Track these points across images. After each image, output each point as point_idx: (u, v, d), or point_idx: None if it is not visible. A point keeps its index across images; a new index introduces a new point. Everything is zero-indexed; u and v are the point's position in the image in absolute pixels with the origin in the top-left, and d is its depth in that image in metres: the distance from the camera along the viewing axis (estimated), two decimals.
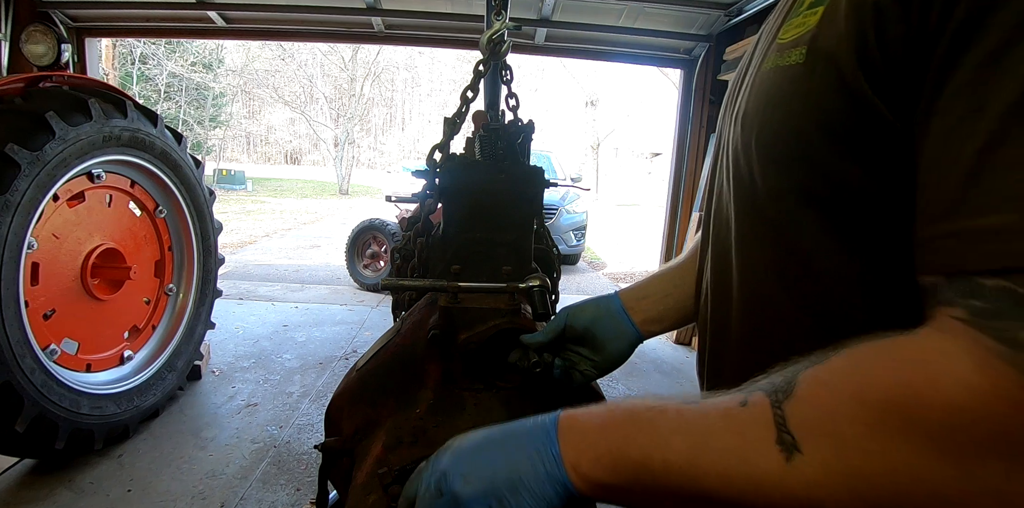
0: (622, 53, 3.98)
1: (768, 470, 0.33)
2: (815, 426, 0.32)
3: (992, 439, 0.28)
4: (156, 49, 18.73)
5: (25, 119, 1.83)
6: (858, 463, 0.31)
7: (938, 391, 0.29)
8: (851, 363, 0.33)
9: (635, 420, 0.40)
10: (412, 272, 1.04)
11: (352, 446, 0.77)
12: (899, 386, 0.30)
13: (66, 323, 2.08)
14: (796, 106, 0.42)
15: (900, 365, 0.31)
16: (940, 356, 0.30)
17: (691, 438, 0.36)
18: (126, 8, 3.55)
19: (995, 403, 0.27)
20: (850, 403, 0.31)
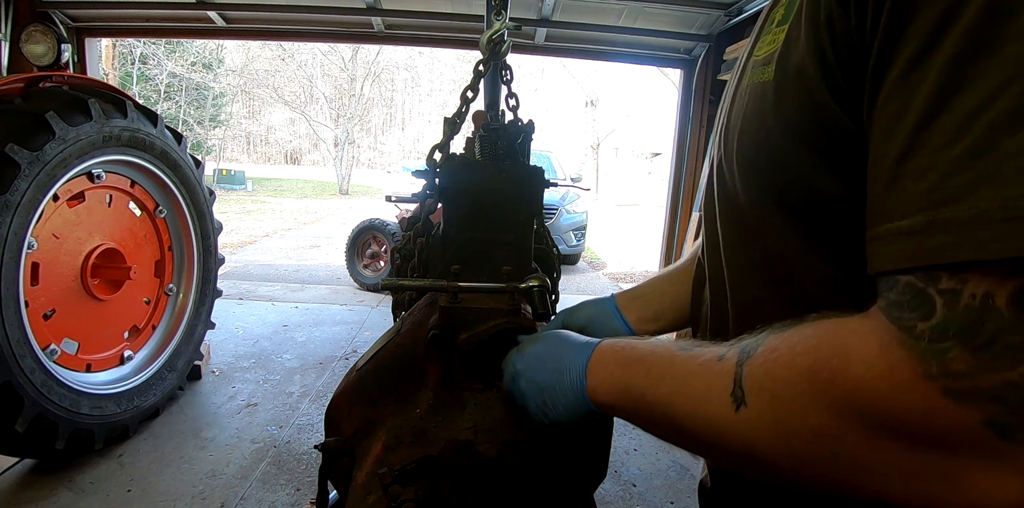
0: (622, 53, 3.98)
1: (721, 416, 0.39)
2: (759, 384, 0.37)
3: (886, 416, 0.31)
4: (156, 49, 18.72)
5: (25, 119, 1.83)
6: (784, 419, 0.35)
7: (847, 366, 0.32)
8: (798, 334, 0.37)
9: (641, 362, 0.49)
10: (412, 272, 1.04)
11: (352, 446, 0.77)
12: (821, 359, 0.34)
13: (66, 323, 2.08)
14: (770, 121, 0.44)
15: (829, 340, 0.34)
16: (857, 337, 0.33)
17: (674, 383, 0.44)
18: (126, 8, 3.55)
19: (889, 382, 0.30)
20: (786, 368, 0.36)
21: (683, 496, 2.17)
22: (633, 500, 2.14)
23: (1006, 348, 0.27)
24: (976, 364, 0.27)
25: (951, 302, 0.29)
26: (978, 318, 0.27)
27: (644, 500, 2.14)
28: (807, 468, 0.35)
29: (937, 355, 0.28)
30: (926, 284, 0.30)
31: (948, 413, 0.28)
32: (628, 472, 2.32)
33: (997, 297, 0.27)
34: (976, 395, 0.27)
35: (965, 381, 0.28)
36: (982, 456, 0.28)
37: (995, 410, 0.27)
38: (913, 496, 0.31)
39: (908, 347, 0.30)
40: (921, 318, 0.30)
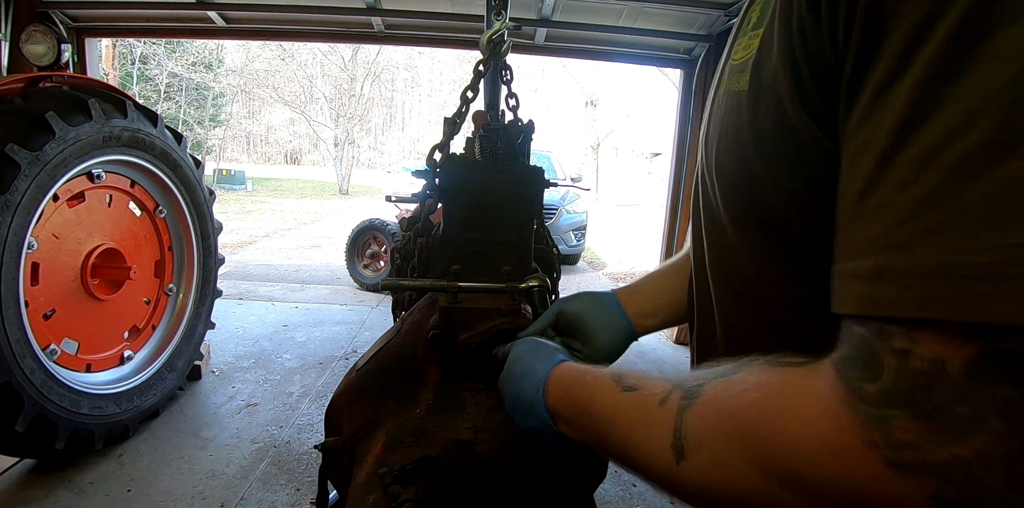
0: (622, 53, 3.98)
1: (665, 468, 0.39)
2: (698, 439, 0.36)
3: (824, 484, 0.28)
4: (156, 49, 18.72)
5: (25, 119, 1.83)
6: (724, 477, 0.34)
7: (786, 427, 0.30)
8: (742, 384, 0.35)
9: (590, 391, 0.50)
10: (412, 272, 1.04)
11: (352, 446, 0.77)
12: (761, 416, 0.32)
13: (66, 323, 2.08)
14: (745, 136, 0.41)
15: (773, 396, 0.32)
16: (801, 395, 0.31)
17: (618, 426, 0.45)
18: (126, 8, 3.55)
19: (829, 447, 0.28)
20: (724, 421, 0.34)
21: None
22: (633, 500, 2.14)
23: (955, 419, 0.24)
24: (922, 435, 0.25)
25: (901, 364, 0.26)
26: (927, 384, 0.25)
27: (644, 500, 2.14)
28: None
29: (881, 422, 0.26)
30: (878, 340, 0.27)
31: (892, 485, 0.26)
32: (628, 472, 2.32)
33: (949, 363, 0.24)
34: (921, 468, 0.25)
35: (909, 453, 0.25)
36: None
37: (941, 486, 0.24)
38: None
39: (853, 411, 0.27)
40: (869, 379, 0.27)
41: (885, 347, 0.27)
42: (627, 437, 0.43)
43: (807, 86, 0.35)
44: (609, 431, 0.46)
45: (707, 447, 0.35)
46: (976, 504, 0.24)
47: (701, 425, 0.36)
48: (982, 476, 0.24)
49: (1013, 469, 0.23)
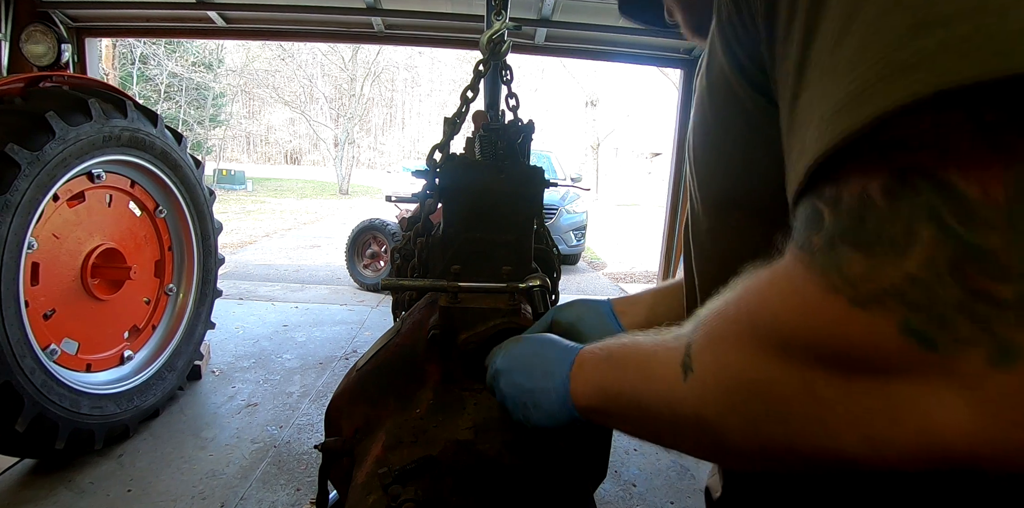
0: (622, 53, 3.98)
1: (673, 389, 0.38)
2: (702, 347, 0.36)
3: (808, 344, 0.28)
4: (156, 49, 18.72)
5: (25, 119, 1.83)
6: (722, 374, 0.34)
7: (765, 301, 0.31)
8: (733, 288, 0.35)
9: (611, 357, 0.48)
10: (412, 272, 1.04)
11: (352, 446, 0.77)
12: (745, 302, 0.33)
13: (66, 323, 2.08)
14: (711, 126, 0.44)
15: (753, 283, 0.33)
16: (773, 275, 0.31)
17: (638, 368, 0.43)
18: (126, 8, 3.55)
19: (800, 305, 0.29)
20: (720, 321, 0.35)
21: (683, 496, 2.17)
22: (633, 500, 2.14)
23: (892, 239, 0.25)
24: (871, 263, 0.25)
25: (835, 209, 0.27)
26: (860, 216, 0.26)
27: (644, 500, 2.14)
28: (754, 429, 0.32)
29: (834, 265, 0.27)
30: (816, 201, 0.29)
31: (863, 325, 0.26)
32: (628, 472, 2.32)
33: (871, 192, 0.26)
34: (881, 298, 0.25)
35: (866, 284, 0.25)
36: (914, 373, 0.25)
37: (905, 313, 0.24)
38: (862, 442, 0.27)
39: (809, 265, 0.28)
40: (816, 234, 0.28)
41: (821, 204, 0.28)
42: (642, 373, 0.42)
43: (746, 67, 0.38)
44: (625, 373, 0.44)
45: (709, 350, 0.35)
46: (941, 326, 0.24)
47: (704, 333, 0.36)
48: (937, 290, 0.24)
49: (963, 275, 0.23)
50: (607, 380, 0.47)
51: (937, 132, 0.24)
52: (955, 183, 0.23)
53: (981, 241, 0.23)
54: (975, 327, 0.23)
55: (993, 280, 0.23)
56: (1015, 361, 0.23)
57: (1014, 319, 0.23)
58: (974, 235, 0.23)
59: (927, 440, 0.25)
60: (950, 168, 0.23)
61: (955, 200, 0.23)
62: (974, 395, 0.24)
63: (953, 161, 0.23)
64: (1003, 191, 0.22)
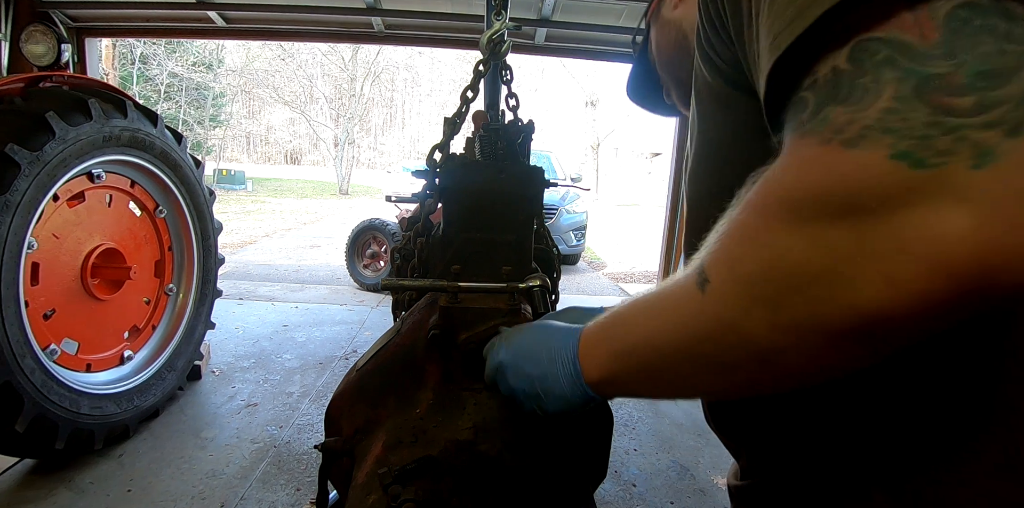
0: (622, 53, 3.98)
1: (693, 308, 0.38)
2: (715, 257, 0.36)
3: (817, 199, 0.30)
4: (156, 49, 18.72)
5: (25, 119, 1.83)
6: (741, 266, 0.34)
7: (769, 181, 0.33)
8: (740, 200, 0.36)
9: (616, 318, 0.48)
10: (412, 272, 1.04)
11: (352, 446, 0.77)
12: (754, 200, 0.34)
13: (66, 323, 2.08)
14: (706, 126, 0.50)
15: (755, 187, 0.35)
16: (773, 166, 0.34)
17: (649, 314, 0.44)
18: (126, 8, 3.55)
19: (800, 167, 0.31)
20: (731, 227, 0.35)
21: (683, 496, 2.17)
22: (633, 500, 2.14)
23: (863, 87, 0.29)
24: (849, 110, 0.29)
25: (814, 89, 0.32)
26: (835, 83, 0.30)
27: (644, 500, 2.14)
28: (778, 313, 0.32)
29: (820, 123, 0.30)
30: (795, 91, 0.33)
31: (857, 162, 0.29)
32: (628, 472, 2.32)
33: (839, 64, 0.31)
34: (867, 133, 0.28)
35: (852, 127, 0.29)
36: (911, 197, 0.27)
37: (891, 140, 0.28)
38: (882, 286, 0.28)
39: (801, 135, 0.31)
40: (802, 112, 0.32)
41: (802, 92, 0.33)
42: (655, 313, 0.43)
43: (724, 70, 0.45)
44: (635, 322, 0.45)
45: (721, 257, 0.36)
46: (922, 143, 0.27)
47: (714, 250, 0.36)
48: (910, 114, 0.28)
49: (927, 97, 0.28)
50: (617, 342, 0.47)
51: (877, 9, 0.30)
52: (900, 36, 0.29)
53: (933, 69, 0.28)
54: (951, 137, 0.27)
55: (951, 96, 0.27)
56: (994, 160, 0.26)
57: (981, 124, 0.26)
58: (927, 67, 0.28)
59: (939, 259, 0.27)
60: (893, 28, 0.29)
61: (904, 48, 0.29)
62: (968, 201, 0.26)
63: (895, 22, 0.29)
64: (936, 30, 0.28)
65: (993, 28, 0.27)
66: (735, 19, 0.40)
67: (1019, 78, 0.27)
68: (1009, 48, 0.27)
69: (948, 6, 0.28)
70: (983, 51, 0.27)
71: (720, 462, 2.41)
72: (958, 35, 0.28)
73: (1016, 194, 0.26)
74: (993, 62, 0.27)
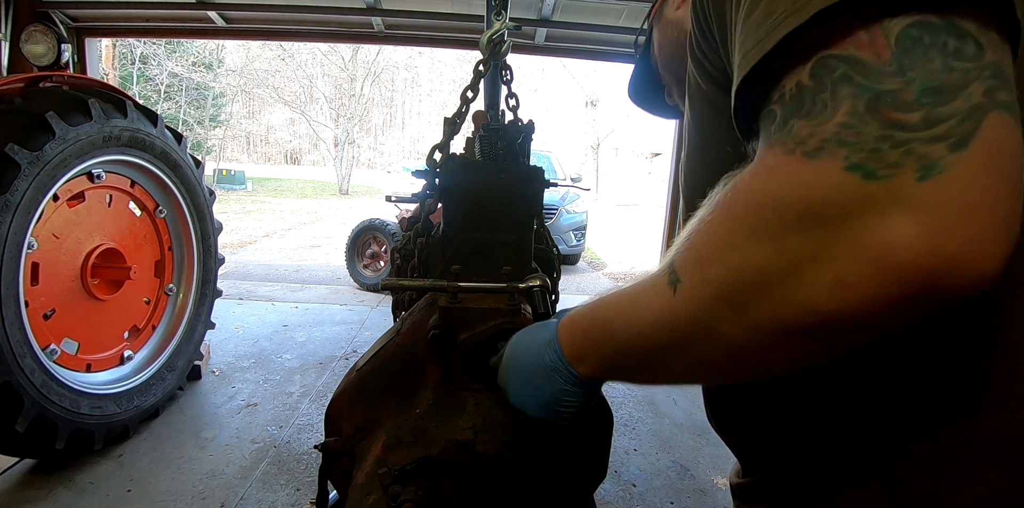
0: (622, 53, 3.97)
1: (665, 306, 0.40)
2: (686, 257, 0.38)
3: (778, 204, 0.32)
4: (156, 49, 18.72)
5: (25, 119, 1.83)
6: (709, 269, 0.36)
7: (747, 191, 0.35)
8: (710, 202, 0.38)
9: (597, 310, 0.50)
10: (412, 272, 1.04)
11: (352, 446, 0.77)
12: (725, 200, 0.36)
13: (66, 323, 2.08)
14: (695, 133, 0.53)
15: (728, 188, 0.36)
16: (746, 172, 0.36)
17: (624, 310, 0.46)
18: (126, 8, 3.55)
19: (765, 175, 0.34)
20: (701, 227, 0.37)
21: (683, 496, 2.17)
22: (633, 500, 2.14)
23: (822, 103, 0.31)
24: (811, 124, 0.32)
25: (781, 103, 0.34)
26: (799, 98, 0.33)
27: (644, 500, 2.14)
28: (744, 313, 0.34)
29: (787, 133, 0.33)
30: (765, 104, 0.36)
31: (815, 172, 0.31)
32: (628, 472, 2.32)
33: (802, 79, 0.33)
34: (825, 145, 0.30)
35: (813, 139, 0.31)
36: (864, 206, 0.29)
37: (845, 153, 0.30)
38: (836, 288, 0.30)
39: (771, 143, 0.34)
40: (771, 123, 0.34)
41: (771, 106, 0.35)
42: (632, 308, 0.45)
43: (714, 75, 0.47)
44: (615, 316, 0.47)
45: (692, 255, 0.38)
46: (873, 155, 0.29)
47: (684, 248, 0.39)
48: (863, 128, 0.30)
49: (878, 113, 0.29)
50: (594, 329, 0.50)
51: (836, 29, 0.32)
52: (856, 55, 0.31)
53: (884, 86, 0.30)
54: (899, 151, 0.29)
55: (900, 111, 0.29)
56: (939, 172, 0.28)
57: (927, 138, 0.29)
58: (879, 84, 0.30)
59: (887, 264, 0.29)
60: (850, 46, 0.31)
61: (859, 65, 0.31)
62: (913, 210, 0.28)
63: (851, 41, 0.31)
64: (888, 48, 0.30)
65: (942, 46, 0.30)
66: (721, 29, 0.43)
67: (964, 94, 0.29)
68: (956, 65, 0.29)
69: (901, 24, 0.30)
70: (931, 68, 0.29)
71: (720, 462, 2.41)
72: (909, 53, 0.30)
73: (958, 204, 0.28)
74: (940, 79, 0.29)
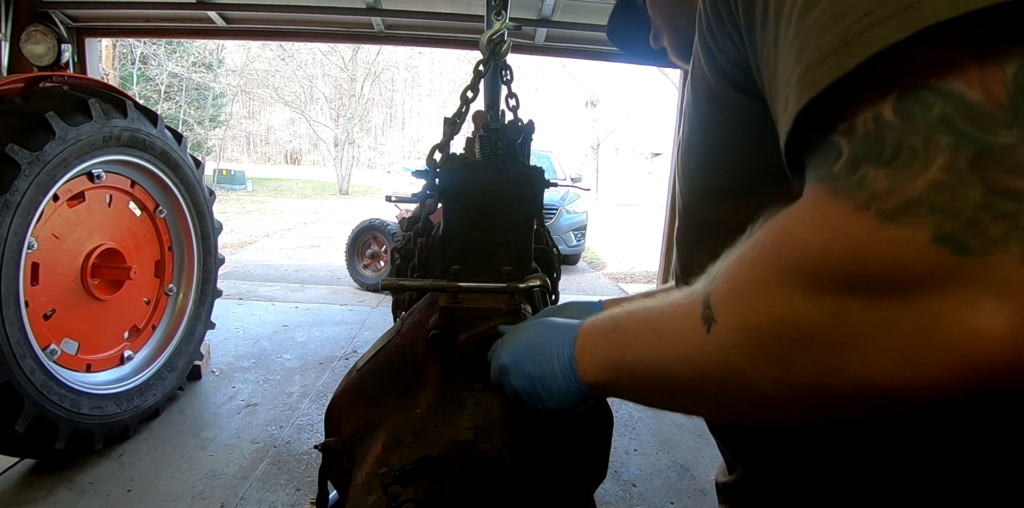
0: (622, 53, 3.97)
1: (696, 344, 0.36)
2: (723, 295, 0.34)
3: (838, 269, 0.28)
4: (156, 49, 18.72)
5: (25, 119, 1.83)
6: (749, 317, 0.32)
7: (789, 236, 0.30)
8: (751, 236, 0.34)
9: (617, 327, 0.47)
10: (412, 272, 1.04)
11: (352, 446, 0.77)
12: (768, 242, 0.32)
13: (66, 323, 2.08)
14: (696, 125, 0.48)
15: (774, 225, 0.32)
16: (796, 212, 0.31)
17: (651, 333, 0.42)
18: (126, 8, 3.55)
19: (827, 231, 0.28)
20: (742, 267, 0.33)
21: (683, 496, 2.17)
22: (633, 500, 2.14)
23: (912, 151, 0.25)
24: (894, 176, 0.26)
25: (850, 137, 0.28)
26: (877, 137, 0.27)
27: (644, 500, 2.14)
28: (786, 369, 0.31)
29: (858, 184, 0.27)
30: (827, 135, 0.29)
31: (893, 240, 0.26)
32: (628, 472, 2.32)
33: (884, 112, 0.27)
34: (909, 208, 0.25)
35: (893, 198, 0.26)
36: (948, 283, 0.25)
37: (936, 221, 0.25)
38: (899, 366, 0.27)
39: (835, 191, 0.28)
40: (835, 163, 0.28)
41: (835, 137, 0.29)
42: (657, 336, 0.41)
43: (728, 70, 0.41)
44: (636, 339, 0.43)
45: (731, 297, 0.34)
46: (971, 228, 0.24)
47: (724, 282, 0.35)
48: (961, 192, 0.24)
49: (984, 174, 0.24)
50: (616, 350, 0.46)
51: (936, 52, 0.25)
52: (961, 91, 0.25)
53: (995, 140, 0.24)
54: (1003, 225, 0.24)
55: (1013, 176, 0.23)
56: None
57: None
58: (988, 135, 0.24)
59: (967, 353, 0.25)
60: (954, 79, 0.25)
61: (964, 106, 0.24)
62: (1012, 297, 0.24)
63: (956, 72, 0.25)
64: (1004, 91, 0.24)
65: None
66: (748, 15, 0.36)
67: None
68: None
69: (1019, 57, 0.24)
70: None
71: (720, 462, 2.41)
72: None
73: None
74: None
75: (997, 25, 0.24)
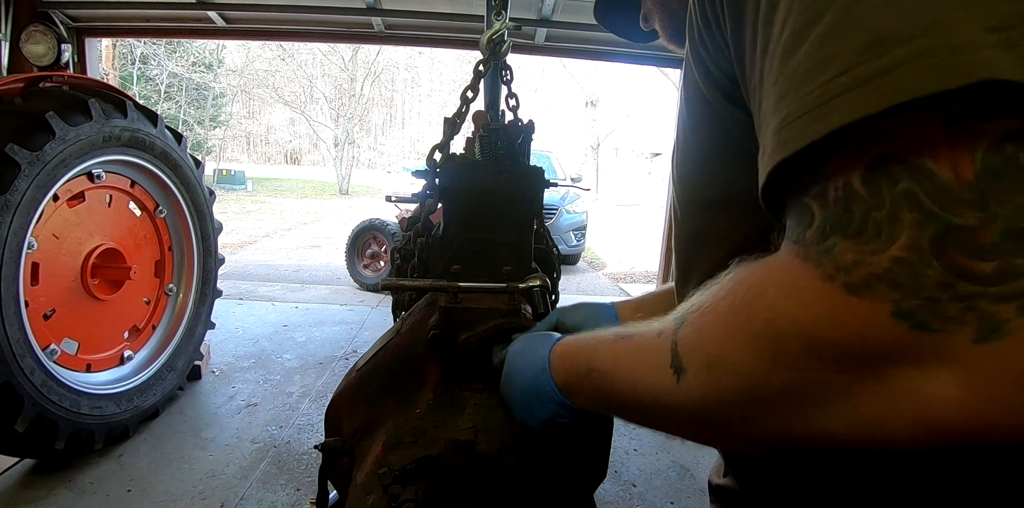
0: (622, 53, 3.97)
1: (668, 392, 0.37)
2: (692, 345, 0.36)
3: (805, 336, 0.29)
4: (156, 49, 18.72)
5: (25, 119, 1.83)
6: (718, 372, 0.33)
7: (763, 299, 0.31)
8: (720, 283, 0.35)
9: (591, 350, 0.49)
10: (412, 272, 1.04)
11: (352, 446, 0.77)
12: (739, 298, 0.32)
13: (66, 323, 2.08)
14: (689, 134, 0.47)
15: (745, 281, 0.33)
16: (768, 269, 0.32)
17: (621, 370, 0.44)
18: (126, 8, 3.55)
19: (796, 297, 0.29)
20: (711, 317, 0.34)
21: (683, 496, 2.17)
22: (633, 500, 2.14)
23: (877, 225, 0.26)
24: (861, 249, 0.26)
25: (822, 203, 0.28)
26: (846, 207, 0.27)
27: (644, 500, 2.14)
28: (753, 421, 0.33)
29: (827, 253, 0.27)
30: (803, 198, 0.30)
31: (857, 312, 0.26)
32: (628, 472, 2.32)
33: (853, 183, 0.27)
34: (872, 283, 0.26)
35: (858, 271, 0.26)
36: (907, 355, 0.26)
37: (896, 297, 0.25)
38: (862, 426, 0.29)
39: (802, 257, 0.29)
40: (807, 228, 0.29)
41: (808, 200, 0.29)
42: (631, 379, 0.42)
43: (719, 80, 0.40)
44: (614, 380, 0.45)
45: (700, 349, 0.35)
46: (930, 306, 0.25)
47: (692, 331, 0.36)
48: (923, 271, 0.25)
49: (945, 255, 0.24)
50: (596, 394, 0.49)
51: (908, 126, 0.25)
52: (929, 167, 0.25)
53: (959, 220, 0.24)
54: (961, 306, 0.24)
55: (973, 258, 0.24)
56: (999, 338, 0.24)
57: (996, 295, 0.24)
58: (952, 215, 0.24)
59: (922, 419, 0.27)
60: (923, 154, 0.25)
61: (931, 183, 0.24)
62: (963, 373, 0.25)
63: (926, 147, 0.25)
64: (972, 170, 0.24)
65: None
66: (736, 31, 0.36)
67: None
68: None
69: (991, 136, 0.24)
70: (1021, 203, 0.23)
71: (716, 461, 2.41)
72: (998, 179, 0.23)
73: (1012, 373, 0.24)
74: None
75: (974, 100, 0.24)
